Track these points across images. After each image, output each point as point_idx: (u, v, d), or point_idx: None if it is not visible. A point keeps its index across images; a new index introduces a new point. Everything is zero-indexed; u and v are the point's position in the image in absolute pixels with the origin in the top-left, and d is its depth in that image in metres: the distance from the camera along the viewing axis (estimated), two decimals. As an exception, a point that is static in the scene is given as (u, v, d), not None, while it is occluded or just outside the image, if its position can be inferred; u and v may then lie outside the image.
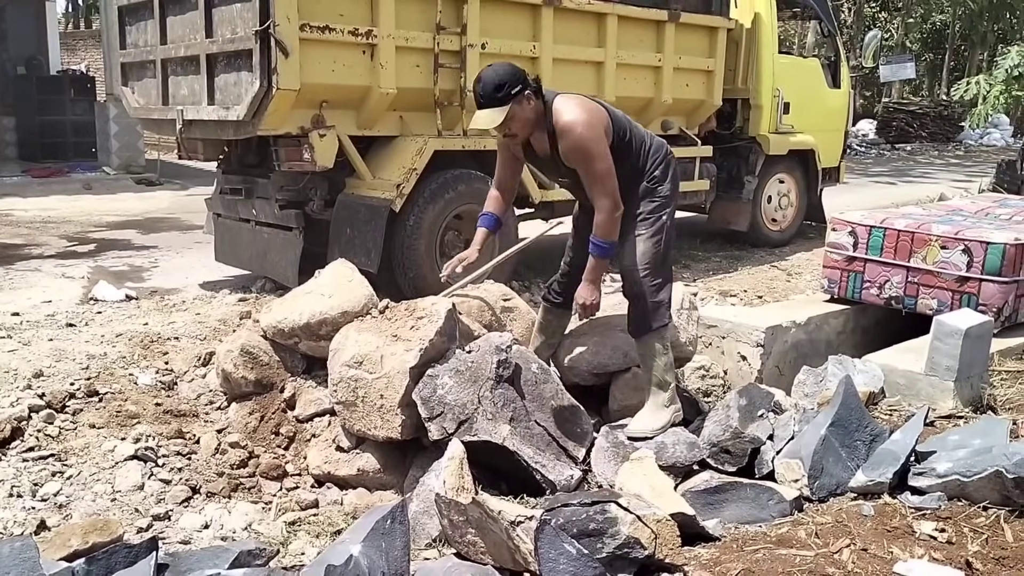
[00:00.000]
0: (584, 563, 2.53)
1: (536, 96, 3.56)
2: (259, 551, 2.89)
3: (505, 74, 3.53)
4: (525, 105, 3.52)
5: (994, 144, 25.49)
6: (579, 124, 3.51)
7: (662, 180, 3.82)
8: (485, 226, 3.98)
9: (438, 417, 3.64)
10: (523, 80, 3.52)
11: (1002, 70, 9.68)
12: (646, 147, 3.81)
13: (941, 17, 32.07)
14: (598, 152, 3.55)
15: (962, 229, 5.05)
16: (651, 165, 3.81)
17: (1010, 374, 4.48)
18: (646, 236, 3.76)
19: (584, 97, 3.71)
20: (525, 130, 3.63)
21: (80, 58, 20.32)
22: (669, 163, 3.87)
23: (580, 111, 3.54)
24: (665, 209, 3.81)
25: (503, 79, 3.50)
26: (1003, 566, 2.70)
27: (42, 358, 4.53)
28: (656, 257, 3.76)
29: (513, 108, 3.50)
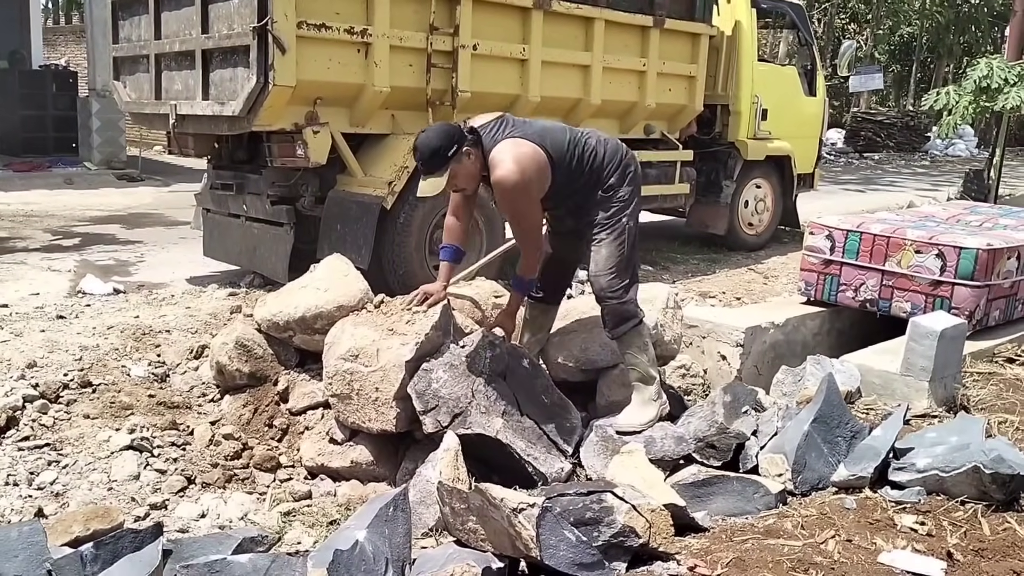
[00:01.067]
0: (583, 550, 2.63)
1: (475, 147, 3.62)
2: (261, 538, 2.96)
3: (439, 138, 3.57)
4: (465, 161, 3.60)
5: (959, 155, 25.95)
6: (508, 180, 3.56)
7: (619, 185, 3.86)
8: (448, 260, 4.00)
9: (432, 410, 3.71)
10: (458, 139, 3.57)
11: (971, 81, 9.88)
12: (598, 159, 3.83)
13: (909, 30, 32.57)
14: (522, 210, 3.71)
15: (936, 234, 5.20)
16: (606, 175, 3.85)
17: (982, 375, 4.64)
18: (608, 240, 3.83)
19: (522, 140, 3.66)
20: (472, 182, 3.73)
21: (60, 53, 20.13)
22: (626, 165, 3.90)
23: (511, 164, 3.56)
24: (624, 211, 3.87)
25: (438, 144, 3.55)
26: (982, 557, 2.82)
27: (35, 349, 4.55)
28: (620, 260, 3.83)
29: (453, 169, 3.59)
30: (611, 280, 3.83)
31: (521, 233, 3.85)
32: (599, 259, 3.84)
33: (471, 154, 3.61)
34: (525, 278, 3.99)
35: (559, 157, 3.72)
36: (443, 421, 3.69)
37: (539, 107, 6.34)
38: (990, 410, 4.17)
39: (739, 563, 2.73)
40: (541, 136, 3.73)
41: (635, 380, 4.00)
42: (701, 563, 2.73)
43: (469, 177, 3.69)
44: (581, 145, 3.82)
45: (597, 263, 3.85)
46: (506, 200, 3.70)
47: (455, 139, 3.57)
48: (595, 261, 3.86)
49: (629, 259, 3.89)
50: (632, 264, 3.95)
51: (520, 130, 3.73)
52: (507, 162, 3.57)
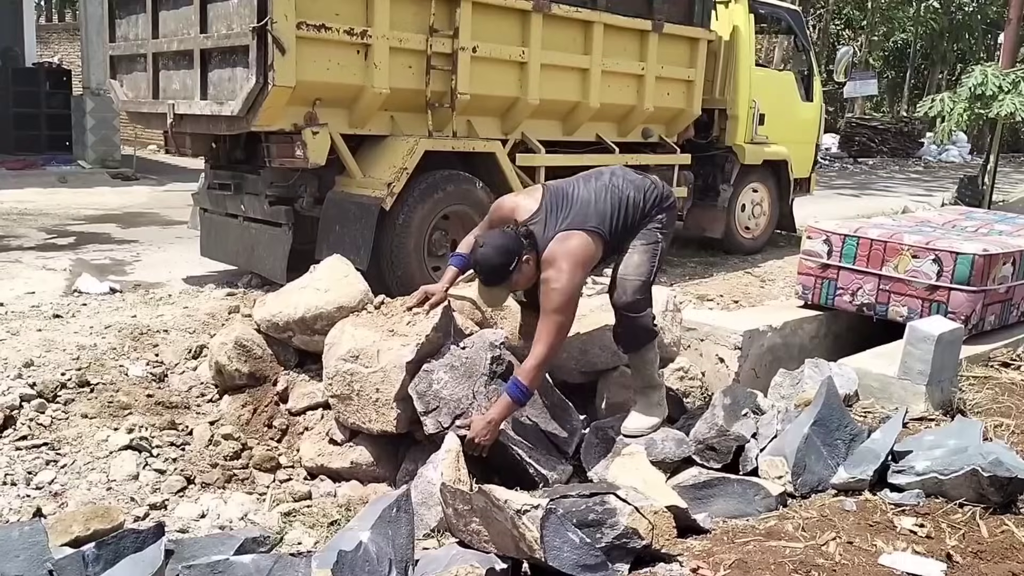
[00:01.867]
0: (586, 551, 2.64)
1: (532, 251, 3.66)
2: (263, 538, 2.96)
3: (499, 255, 3.60)
4: (525, 269, 3.66)
5: (952, 161, 26.10)
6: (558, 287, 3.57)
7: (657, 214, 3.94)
8: (455, 265, 4.02)
9: (434, 411, 3.71)
10: (517, 252, 3.60)
11: (966, 88, 9.93)
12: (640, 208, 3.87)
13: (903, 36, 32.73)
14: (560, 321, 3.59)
15: (932, 239, 5.22)
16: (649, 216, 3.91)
17: (978, 379, 4.67)
18: (642, 247, 3.85)
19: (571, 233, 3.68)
20: (531, 283, 3.77)
21: (53, 51, 20.03)
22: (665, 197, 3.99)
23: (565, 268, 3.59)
24: (661, 231, 3.92)
25: (499, 262, 3.59)
26: (981, 559, 2.85)
27: (31, 348, 4.53)
28: (649, 272, 3.85)
29: (515, 278, 3.65)
30: (638, 287, 3.81)
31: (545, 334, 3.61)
32: (631, 263, 3.83)
33: (530, 261, 3.66)
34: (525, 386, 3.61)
35: (606, 230, 3.76)
36: (444, 422, 3.69)
37: (538, 110, 6.35)
38: (986, 414, 4.20)
39: (741, 565, 2.74)
40: (584, 216, 3.73)
41: (641, 387, 4.02)
42: (703, 565, 2.75)
43: (528, 280, 3.74)
44: (625, 204, 3.83)
45: (628, 267, 3.82)
46: (550, 302, 3.61)
47: (514, 252, 3.60)
48: (626, 264, 3.83)
49: (651, 273, 3.88)
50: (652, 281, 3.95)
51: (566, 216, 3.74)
52: (560, 264, 3.60)
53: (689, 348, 5.26)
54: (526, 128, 6.46)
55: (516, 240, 3.63)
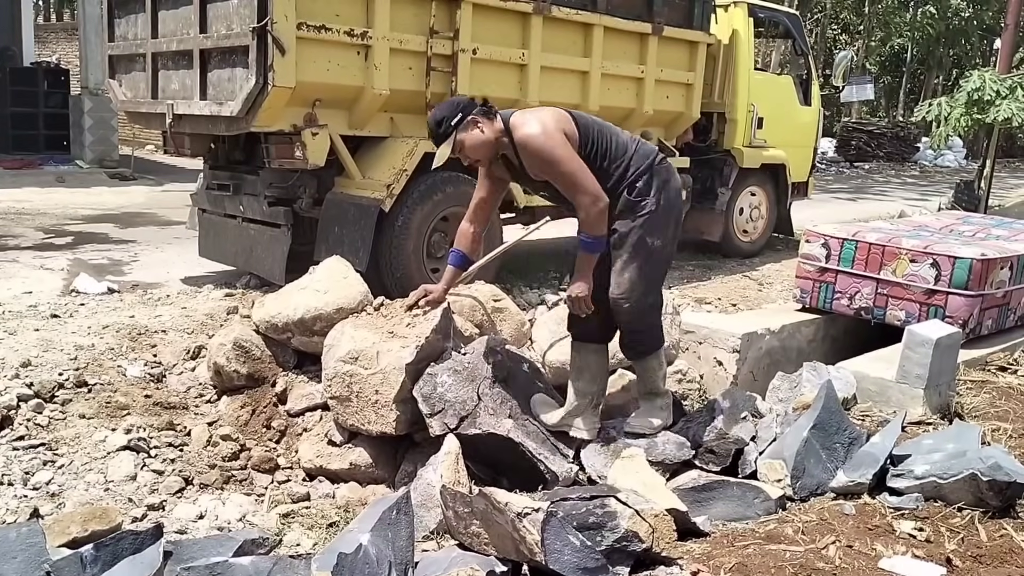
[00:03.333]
0: (587, 554, 2.63)
1: (486, 118, 3.53)
2: (262, 540, 2.95)
3: (443, 110, 3.59)
4: (472, 131, 3.52)
5: (948, 165, 26.15)
6: (534, 135, 3.45)
7: (646, 193, 3.56)
8: (454, 264, 3.90)
9: (439, 413, 3.71)
10: (462, 109, 3.53)
11: (964, 93, 9.96)
12: (627, 154, 3.59)
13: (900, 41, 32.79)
14: (560, 156, 3.44)
15: (930, 244, 5.23)
16: (632, 174, 3.57)
17: (975, 383, 4.67)
18: (626, 261, 3.58)
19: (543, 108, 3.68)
20: (483, 153, 3.60)
21: (51, 50, 19.99)
22: (656, 172, 3.60)
23: (534, 122, 3.49)
24: (648, 227, 3.57)
25: (441, 115, 3.55)
26: (980, 563, 2.85)
27: (29, 348, 4.52)
28: (640, 283, 3.60)
29: (459, 137, 3.52)
30: (635, 303, 3.61)
31: (569, 184, 3.46)
32: (621, 282, 3.60)
33: (478, 123, 3.51)
34: (590, 236, 3.48)
35: (583, 125, 3.58)
36: (451, 424, 3.68)
37: (537, 112, 6.35)
38: (983, 418, 4.20)
39: (741, 568, 2.74)
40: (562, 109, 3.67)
41: (644, 392, 3.94)
42: (703, 568, 2.74)
43: (478, 147, 3.55)
44: (608, 132, 3.65)
45: (619, 286, 3.61)
46: (536, 157, 3.47)
47: (459, 109, 3.52)
48: (617, 284, 3.61)
49: (652, 281, 3.67)
50: (657, 286, 3.74)
51: None
52: (529, 120, 3.49)
53: (687, 351, 5.26)
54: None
55: (467, 102, 3.57)
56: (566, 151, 3.45)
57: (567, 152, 3.45)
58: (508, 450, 3.61)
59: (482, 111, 3.55)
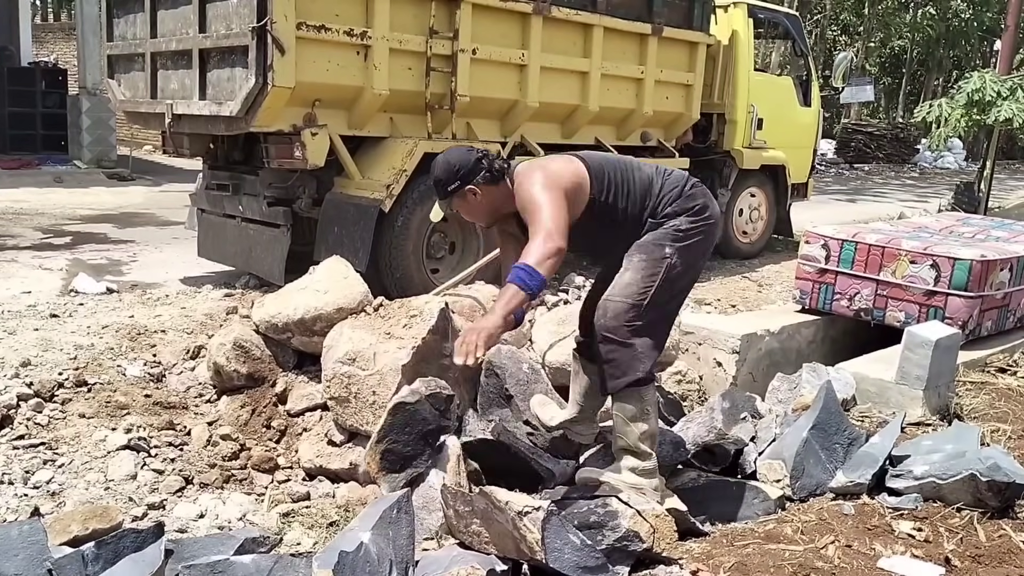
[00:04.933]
0: (587, 553, 2.63)
1: (488, 184, 3.20)
2: (263, 539, 2.95)
3: (445, 169, 3.23)
4: (469, 199, 3.22)
5: (948, 167, 26.20)
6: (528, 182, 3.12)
7: (674, 215, 3.22)
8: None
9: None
10: (462, 177, 3.18)
11: (963, 94, 9.97)
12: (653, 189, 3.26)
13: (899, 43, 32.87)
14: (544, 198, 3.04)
15: (930, 245, 5.24)
16: (661, 205, 3.23)
17: (975, 385, 4.68)
18: (639, 262, 3.18)
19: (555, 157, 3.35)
20: (479, 219, 3.39)
21: (49, 50, 19.99)
22: (689, 196, 3.25)
23: (536, 172, 3.15)
24: (672, 242, 3.18)
25: (440, 175, 3.25)
26: (979, 563, 2.86)
27: (28, 347, 4.52)
28: (643, 294, 3.13)
29: (456, 202, 3.24)
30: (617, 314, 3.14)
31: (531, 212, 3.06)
32: (620, 282, 3.18)
33: (477, 192, 3.20)
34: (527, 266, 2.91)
35: (597, 166, 3.25)
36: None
37: (537, 113, 6.36)
38: (983, 419, 4.21)
39: (741, 568, 2.75)
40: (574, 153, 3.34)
41: (618, 449, 3.28)
42: (703, 567, 2.75)
43: (478, 210, 3.29)
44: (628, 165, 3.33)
45: (615, 286, 3.19)
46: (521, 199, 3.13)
47: (459, 176, 3.19)
48: (615, 283, 3.20)
49: (656, 300, 3.16)
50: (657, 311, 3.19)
51: None
52: (530, 171, 3.18)
53: (687, 352, 5.26)
54: (525, 131, 6.46)
55: (471, 164, 3.19)
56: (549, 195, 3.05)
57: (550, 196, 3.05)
58: (501, 453, 3.61)
59: (485, 177, 3.19)
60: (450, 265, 5.88)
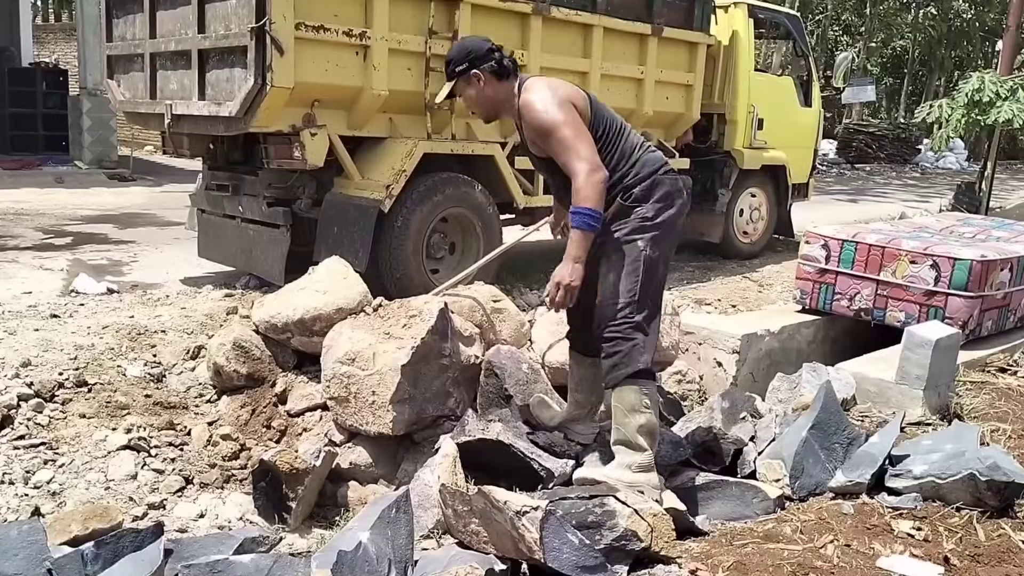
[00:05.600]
0: (586, 553, 2.64)
1: (494, 76, 3.36)
2: (262, 538, 2.96)
3: (457, 51, 3.46)
4: (476, 84, 3.38)
5: (949, 167, 26.14)
6: (536, 98, 3.24)
7: (643, 199, 3.29)
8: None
9: None
10: (471, 60, 3.36)
11: (964, 95, 9.95)
12: (632, 156, 3.33)
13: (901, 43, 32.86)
14: (555, 120, 3.17)
15: (930, 245, 5.24)
16: (632, 176, 3.30)
17: (975, 384, 4.68)
18: (616, 265, 3.27)
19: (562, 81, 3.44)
20: (478, 110, 3.52)
21: (50, 51, 20.01)
22: (658, 182, 3.32)
23: (542, 86, 3.28)
24: (643, 234, 3.27)
25: (453, 55, 3.44)
26: (978, 563, 2.86)
27: (29, 348, 4.52)
28: (631, 291, 3.25)
29: (459, 85, 3.41)
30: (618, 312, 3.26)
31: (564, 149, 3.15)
32: (606, 287, 3.28)
33: (480, 79, 3.35)
34: (584, 208, 3.08)
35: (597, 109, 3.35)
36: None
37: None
38: (983, 418, 4.21)
39: (740, 567, 2.75)
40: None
41: (616, 442, 3.34)
42: (702, 567, 2.75)
43: (475, 101, 3.45)
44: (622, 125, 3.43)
45: (604, 291, 3.29)
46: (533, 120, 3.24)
47: (469, 59, 3.36)
48: (602, 289, 3.29)
49: (646, 293, 3.28)
50: (649, 300, 3.31)
51: None
52: (536, 86, 3.30)
53: (687, 352, 5.27)
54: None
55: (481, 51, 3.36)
56: (568, 115, 3.18)
57: (568, 116, 3.18)
58: (500, 453, 3.61)
59: (492, 68, 3.35)
60: (450, 265, 5.87)
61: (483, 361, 4.14)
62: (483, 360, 4.15)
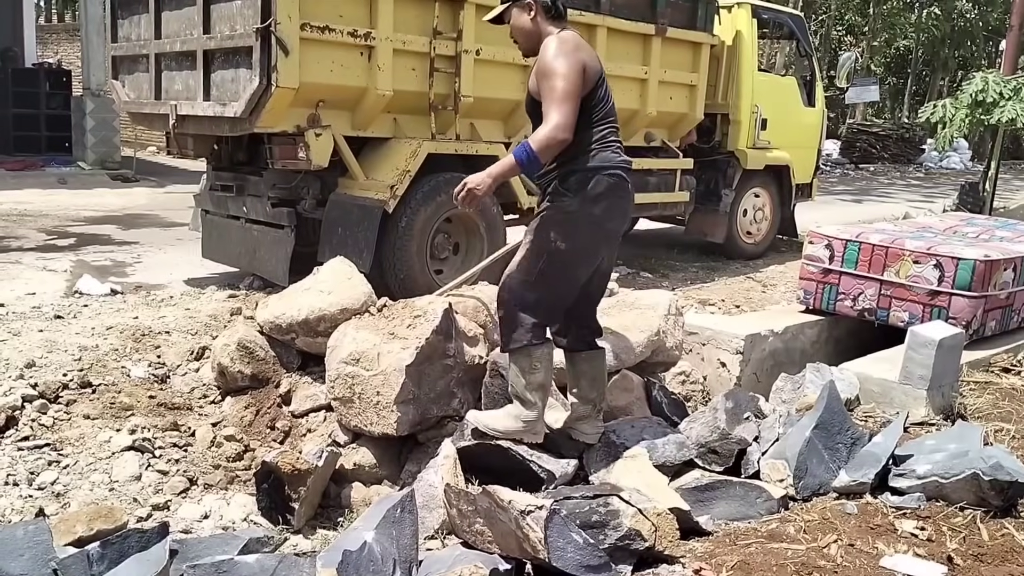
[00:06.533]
0: (590, 552, 2.64)
1: (547, 14, 3.42)
2: (267, 539, 2.97)
3: None
4: (527, 13, 3.45)
5: (953, 167, 26.10)
6: (557, 43, 3.30)
7: (574, 190, 3.38)
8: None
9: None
10: None
11: (967, 95, 9.95)
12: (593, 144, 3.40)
13: (905, 43, 32.80)
14: (563, 72, 3.23)
15: (934, 245, 5.23)
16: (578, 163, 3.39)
17: (978, 385, 4.67)
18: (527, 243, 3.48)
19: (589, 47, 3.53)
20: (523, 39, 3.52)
21: (53, 51, 20.03)
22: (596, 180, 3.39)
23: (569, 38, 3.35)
24: (559, 224, 3.40)
25: None
26: (982, 562, 2.86)
27: (33, 349, 4.53)
28: (526, 273, 3.42)
29: (512, 11, 3.49)
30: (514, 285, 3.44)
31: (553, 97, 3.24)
32: (512, 262, 3.51)
33: (532, 9, 3.42)
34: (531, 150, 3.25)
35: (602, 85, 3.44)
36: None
37: (540, 113, 6.36)
38: (987, 419, 4.21)
39: (743, 567, 2.75)
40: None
41: (511, 393, 3.61)
42: (706, 566, 2.75)
43: (517, 30, 3.50)
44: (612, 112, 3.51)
45: (511, 265, 3.51)
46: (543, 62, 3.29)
47: None
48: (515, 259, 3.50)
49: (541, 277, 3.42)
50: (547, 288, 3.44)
51: None
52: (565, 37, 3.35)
53: (691, 352, 5.26)
54: (529, 131, 6.44)
55: None
56: (572, 73, 3.24)
57: (572, 74, 3.24)
58: (501, 456, 3.61)
59: (546, 4, 3.42)
60: (454, 266, 5.88)
61: (488, 361, 4.14)
62: (488, 360, 4.15)
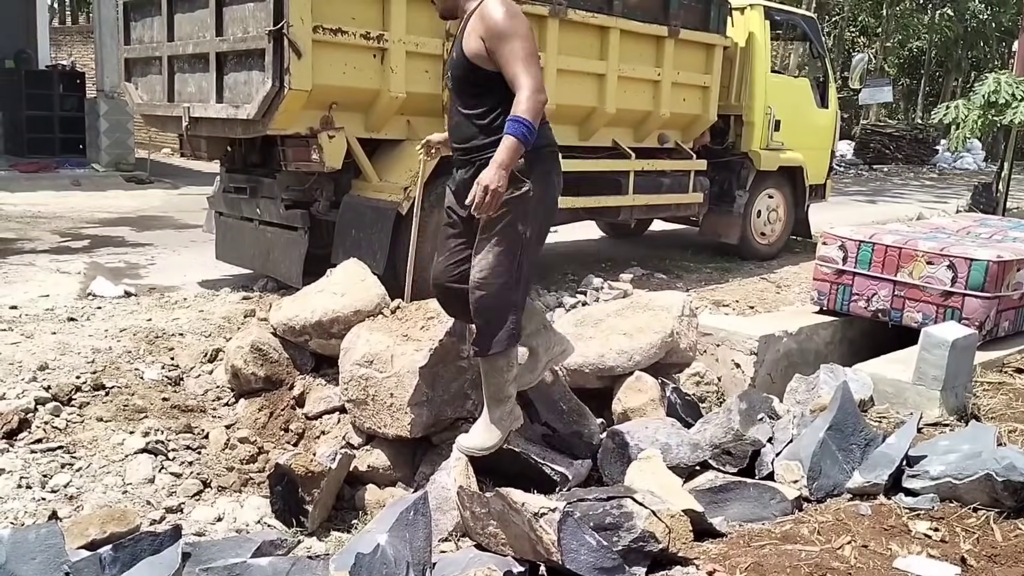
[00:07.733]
0: (604, 554, 2.64)
1: None
2: (280, 541, 2.97)
3: None
4: None
5: (967, 168, 25.97)
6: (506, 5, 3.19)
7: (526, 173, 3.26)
8: None
9: None
10: None
11: (980, 96, 9.91)
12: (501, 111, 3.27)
13: (918, 44, 32.64)
14: (523, 33, 3.16)
15: (947, 246, 5.22)
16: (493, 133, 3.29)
17: (992, 385, 4.65)
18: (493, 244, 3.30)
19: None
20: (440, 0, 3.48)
21: (67, 53, 20.13)
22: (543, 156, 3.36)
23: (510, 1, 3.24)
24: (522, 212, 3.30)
25: None
26: (995, 563, 2.85)
27: (46, 351, 4.54)
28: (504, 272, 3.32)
29: None
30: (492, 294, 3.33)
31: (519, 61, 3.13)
32: (483, 266, 3.33)
33: None
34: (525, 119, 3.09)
35: None
36: None
37: (554, 115, 6.34)
38: (1000, 419, 4.19)
39: (757, 568, 2.74)
40: None
41: (490, 397, 3.54)
42: (720, 568, 2.75)
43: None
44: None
45: (481, 270, 3.34)
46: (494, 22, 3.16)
47: None
48: (478, 268, 3.35)
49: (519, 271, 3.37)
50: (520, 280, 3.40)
51: None
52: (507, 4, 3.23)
53: (705, 353, 5.26)
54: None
55: None
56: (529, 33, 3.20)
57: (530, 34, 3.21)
58: (514, 459, 3.61)
59: None
60: (467, 267, 5.87)
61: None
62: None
